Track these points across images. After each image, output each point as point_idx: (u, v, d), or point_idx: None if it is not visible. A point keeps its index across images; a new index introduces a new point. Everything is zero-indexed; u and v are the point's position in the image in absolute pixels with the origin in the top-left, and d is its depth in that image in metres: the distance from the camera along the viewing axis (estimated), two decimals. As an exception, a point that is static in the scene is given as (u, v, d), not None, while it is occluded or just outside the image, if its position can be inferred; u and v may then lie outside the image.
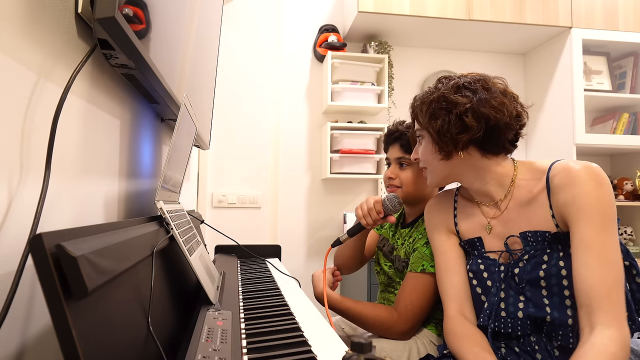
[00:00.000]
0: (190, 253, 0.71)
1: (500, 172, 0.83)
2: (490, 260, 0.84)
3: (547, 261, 0.76)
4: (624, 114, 2.45)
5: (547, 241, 0.77)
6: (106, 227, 0.46)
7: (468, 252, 0.90)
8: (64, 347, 0.31)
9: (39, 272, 0.31)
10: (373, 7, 2.19)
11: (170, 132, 1.24)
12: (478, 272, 0.85)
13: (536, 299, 0.76)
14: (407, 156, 1.07)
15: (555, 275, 0.74)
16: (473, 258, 0.87)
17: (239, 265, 1.30)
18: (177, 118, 0.74)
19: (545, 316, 0.75)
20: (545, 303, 0.75)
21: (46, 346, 0.50)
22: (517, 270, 0.79)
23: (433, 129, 0.83)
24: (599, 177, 0.72)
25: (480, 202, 0.89)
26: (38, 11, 0.49)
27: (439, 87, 0.85)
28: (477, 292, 0.85)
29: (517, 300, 0.79)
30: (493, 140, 0.81)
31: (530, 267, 0.77)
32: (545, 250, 0.77)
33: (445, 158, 0.84)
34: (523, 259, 0.79)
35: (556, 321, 0.74)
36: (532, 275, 0.77)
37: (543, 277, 0.75)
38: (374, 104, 2.40)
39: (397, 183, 1.09)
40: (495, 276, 0.82)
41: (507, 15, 2.30)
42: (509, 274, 0.80)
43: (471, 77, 0.84)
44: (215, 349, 0.53)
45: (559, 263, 0.75)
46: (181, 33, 0.94)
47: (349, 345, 0.36)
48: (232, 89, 2.42)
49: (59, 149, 0.53)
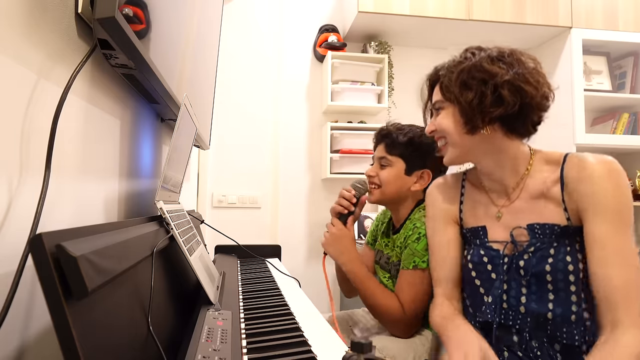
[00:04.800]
0: (190, 253, 0.71)
1: (518, 157, 0.81)
2: (494, 251, 0.81)
3: (554, 255, 0.74)
4: (624, 114, 2.45)
5: (555, 235, 0.75)
6: (106, 227, 0.46)
7: (469, 242, 0.87)
8: (64, 347, 0.31)
9: (39, 272, 0.31)
10: (373, 7, 2.19)
11: (170, 132, 1.24)
12: (480, 263, 0.82)
13: (540, 293, 0.75)
14: (388, 157, 1.10)
15: (561, 271, 0.73)
16: (475, 248, 0.84)
17: (239, 265, 1.30)
18: (177, 118, 0.74)
19: (547, 313, 0.74)
20: (550, 298, 0.74)
21: (46, 346, 0.50)
22: (522, 262, 0.76)
23: (465, 100, 0.77)
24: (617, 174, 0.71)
25: (489, 189, 0.86)
26: (38, 11, 0.49)
27: (469, 56, 0.80)
28: (475, 285, 0.82)
29: (519, 293, 0.77)
30: (521, 119, 0.77)
31: (536, 260, 0.75)
32: (552, 244, 0.75)
33: (470, 132, 0.79)
34: (528, 251, 0.76)
35: (558, 318, 0.73)
36: (537, 268, 0.75)
37: (549, 271, 0.74)
38: (374, 104, 2.40)
39: (377, 181, 1.11)
40: (499, 268, 0.79)
41: (507, 15, 2.30)
42: (514, 266, 0.78)
43: (506, 48, 0.80)
44: (215, 349, 0.53)
45: (565, 258, 0.73)
46: (181, 33, 0.94)
47: (349, 345, 0.36)
48: (232, 89, 2.42)
49: (59, 149, 0.53)
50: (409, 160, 1.09)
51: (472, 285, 0.84)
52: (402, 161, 1.09)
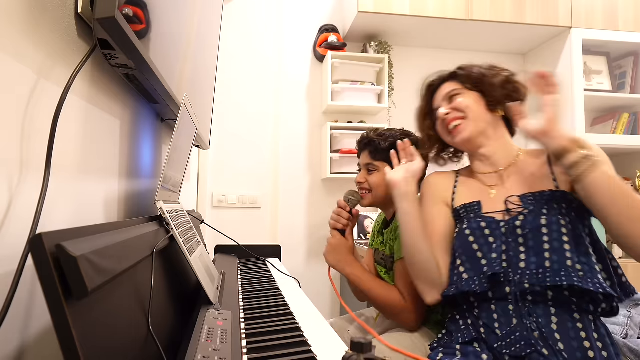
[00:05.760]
0: (190, 253, 0.71)
1: (510, 143, 0.95)
2: (490, 219, 0.86)
3: (547, 214, 0.80)
4: (624, 114, 2.45)
5: (545, 198, 0.82)
6: (106, 227, 0.46)
7: (461, 218, 0.92)
8: (64, 347, 0.31)
9: (39, 272, 0.31)
10: (373, 7, 2.19)
11: (170, 132, 1.24)
12: (478, 229, 0.86)
13: (538, 249, 0.79)
14: (374, 163, 1.16)
15: (555, 224, 0.78)
16: (471, 220, 0.89)
17: (239, 265, 1.30)
18: (177, 118, 0.74)
19: (545, 261, 0.77)
20: (546, 248, 0.78)
21: (46, 346, 0.50)
22: (518, 222, 0.82)
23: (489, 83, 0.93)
24: None
25: (483, 174, 0.95)
26: (38, 11, 0.49)
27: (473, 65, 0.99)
28: (473, 250, 0.85)
29: (517, 251, 0.81)
30: None
31: (532, 218, 0.81)
32: (544, 205, 0.81)
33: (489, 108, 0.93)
34: (523, 213, 0.82)
35: (555, 265, 0.76)
36: (534, 224, 0.80)
37: (545, 224, 0.79)
38: (374, 104, 2.40)
39: (367, 187, 1.17)
40: (497, 232, 0.84)
41: (507, 15, 2.30)
42: (511, 227, 0.82)
43: None
44: (215, 349, 0.53)
45: (558, 215, 0.79)
46: (181, 33, 0.94)
47: (349, 345, 0.36)
48: (232, 89, 2.42)
49: (59, 149, 0.53)
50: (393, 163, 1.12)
51: (469, 251, 0.86)
52: (387, 165, 1.13)
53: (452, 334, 0.87)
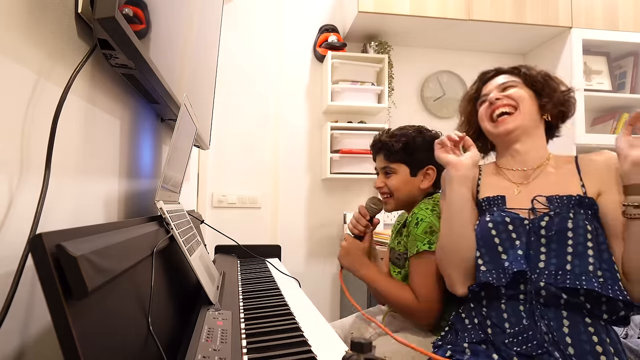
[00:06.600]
0: (190, 253, 0.71)
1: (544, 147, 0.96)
2: (515, 215, 0.85)
3: (573, 218, 0.80)
4: (624, 114, 2.45)
5: (573, 203, 0.82)
6: (106, 227, 0.46)
7: (484, 211, 0.91)
8: (64, 347, 0.31)
9: (39, 272, 0.31)
10: (373, 7, 2.19)
11: (170, 132, 1.24)
12: (502, 222, 0.85)
13: (559, 251, 0.79)
14: (391, 165, 1.13)
15: (582, 227, 0.78)
16: (494, 212, 0.88)
17: (239, 265, 1.30)
18: (177, 118, 0.74)
19: (566, 264, 0.77)
20: (569, 252, 0.78)
21: (46, 346, 0.50)
22: (543, 223, 0.82)
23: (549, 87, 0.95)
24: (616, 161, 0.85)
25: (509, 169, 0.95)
26: (38, 11, 0.49)
27: None
28: (494, 243, 0.85)
29: (539, 252, 0.81)
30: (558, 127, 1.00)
31: (558, 220, 0.80)
32: (570, 210, 0.81)
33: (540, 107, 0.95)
34: (549, 214, 0.82)
35: (576, 269, 0.76)
36: (559, 226, 0.80)
37: (571, 228, 0.79)
38: (374, 104, 2.39)
39: (387, 191, 1.15)
40: (520, 229, 0.83)
41: (507, 15, 2.30)
42: (535, 227, 0.82)
43: None
44: (215, 349, 0.53)
45: (585, 220, 0.79)
46: (181, 33, 0.94)
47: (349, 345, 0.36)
48: (232, 89, 2.42)
49: (59, 149, 0.53)
50: (410, 163, 1.12)
51: (489, 244, 0.85)
52: (404, 166, 1.12)
53: (457, 332, 0.86)
